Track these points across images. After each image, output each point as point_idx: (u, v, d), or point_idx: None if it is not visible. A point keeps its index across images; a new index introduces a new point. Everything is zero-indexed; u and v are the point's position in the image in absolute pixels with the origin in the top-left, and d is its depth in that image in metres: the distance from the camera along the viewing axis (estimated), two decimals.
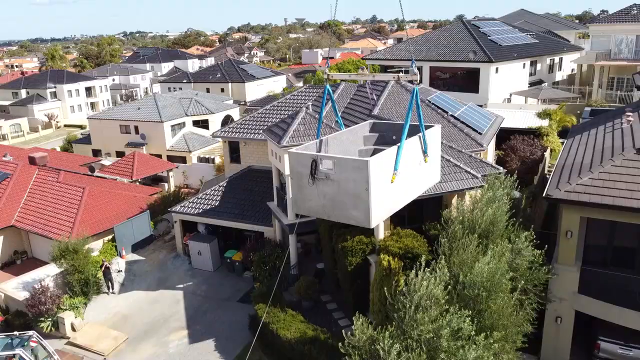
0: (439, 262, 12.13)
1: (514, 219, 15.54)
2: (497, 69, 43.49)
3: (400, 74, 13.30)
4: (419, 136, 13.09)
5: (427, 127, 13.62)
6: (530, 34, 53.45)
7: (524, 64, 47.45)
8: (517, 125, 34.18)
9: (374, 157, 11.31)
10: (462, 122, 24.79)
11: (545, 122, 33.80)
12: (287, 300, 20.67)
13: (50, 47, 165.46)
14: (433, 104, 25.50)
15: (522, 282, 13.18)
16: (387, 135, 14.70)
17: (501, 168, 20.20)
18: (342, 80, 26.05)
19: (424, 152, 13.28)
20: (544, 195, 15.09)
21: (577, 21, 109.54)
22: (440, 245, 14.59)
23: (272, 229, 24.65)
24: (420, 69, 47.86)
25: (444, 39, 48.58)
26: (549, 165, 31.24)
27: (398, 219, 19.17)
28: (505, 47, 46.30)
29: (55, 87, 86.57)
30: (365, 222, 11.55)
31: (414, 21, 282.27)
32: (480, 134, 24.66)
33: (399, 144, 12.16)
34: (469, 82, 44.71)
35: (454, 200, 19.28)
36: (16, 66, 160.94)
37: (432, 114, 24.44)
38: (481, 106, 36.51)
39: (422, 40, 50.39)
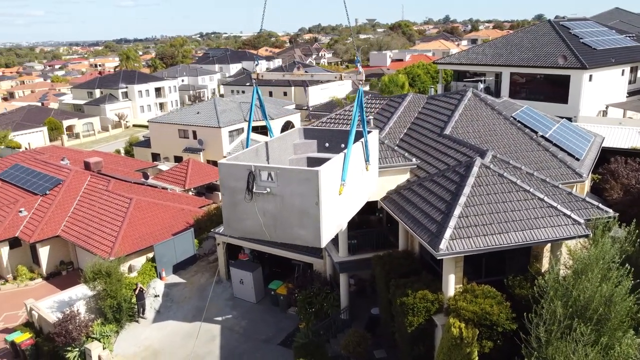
0: None
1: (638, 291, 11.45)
2: (590, 76, 37.89)
3: (344, 74, 11.38)
4: (362, 142, 11.91)
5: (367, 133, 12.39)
6: (629, 36, 46.77)
7: (623, 71, 41.29)
8: (618, 144, 28.92)
9: (324, 166, 9.86)
10: (555, 145, 20.48)
11: None
12: (333, 354, 17.53)
13: (125, 48, 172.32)
14: (519, 121, 21.34)
15: None
16: (319, 143, 13.50)
17: (611, 211, 15.91)
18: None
19: (366, 160, 12.20)
20: None
21: None
22: (532, 325, 10.86)
23: (322, 261, 21.58)
24: (499, 75, 43.05)
25: (527, 42, 43.31)
26: None
27: (473, 269, 15.48)
28: (600, 51, 40.40)
29: (126, 87, 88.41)
30: (315, 241, 10.16)
31: (489, 21, 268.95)
32: (577, 159, 20.26)
33: (345, 151, 10.79)
34: (556, 91, 39.31)
35: (547, 251, 15.29)
36: (99, 65, 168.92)
37: (518, 135, 20.32)
38: (570, 119, 31.55)
39: (501, 43, 45.34)
